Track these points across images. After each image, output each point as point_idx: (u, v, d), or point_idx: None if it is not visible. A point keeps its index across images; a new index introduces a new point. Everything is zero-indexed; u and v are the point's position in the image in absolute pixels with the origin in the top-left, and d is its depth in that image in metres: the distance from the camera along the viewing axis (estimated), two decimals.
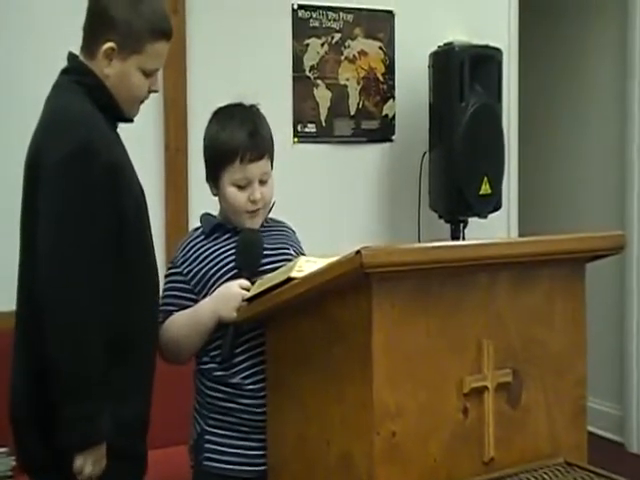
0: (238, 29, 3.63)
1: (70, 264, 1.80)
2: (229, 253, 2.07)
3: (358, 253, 1.54)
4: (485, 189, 3.69)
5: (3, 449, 2.83)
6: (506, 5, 4.26)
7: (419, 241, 3.75)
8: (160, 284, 2.09)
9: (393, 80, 3.99)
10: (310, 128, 3.81)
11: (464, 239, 3.72)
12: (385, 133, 3.99)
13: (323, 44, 3.82)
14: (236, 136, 2.05)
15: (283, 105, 3.71)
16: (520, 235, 4.24)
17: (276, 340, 1.95)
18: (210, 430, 2.07)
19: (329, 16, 3.82)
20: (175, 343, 2.07)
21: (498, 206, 3.81)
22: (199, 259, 2.08)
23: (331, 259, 1.68)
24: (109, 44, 1.93)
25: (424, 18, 4.00)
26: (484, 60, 3.71)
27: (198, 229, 2.16)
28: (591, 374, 1.95)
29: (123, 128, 2.08)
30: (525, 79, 4.43)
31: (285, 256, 2.11)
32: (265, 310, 1.90)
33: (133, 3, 1.95)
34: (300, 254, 2.17)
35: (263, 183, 2.09)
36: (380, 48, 3.96)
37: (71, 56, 2.01)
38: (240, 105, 2.14)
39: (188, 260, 2.10)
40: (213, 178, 2.11)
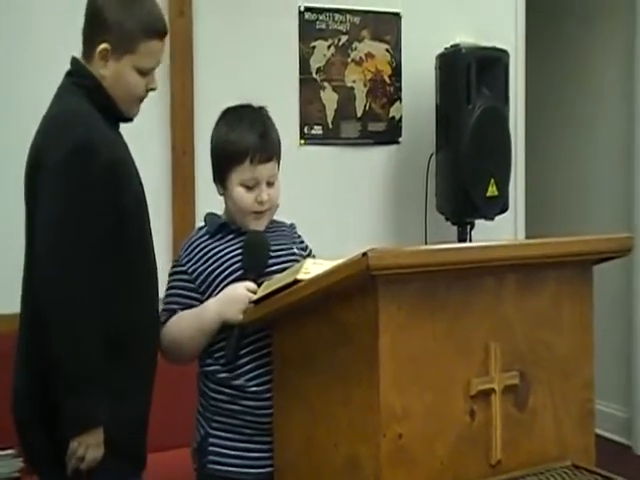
0: (245, 31, 3.63)
1: (70, 263, 1.82)
2: (235, 254, 2.07)
3: (364, 255, 1.53)
4: (492, 191, 3.68)
5: (10, 451, 2.84)
6: (513, 7, 4.25)
7: (426, 243, 3.74)
8: (161, 283, 2.09)
9: (400, 82, 3.99)
10: (317, 130, 3.81)
11: (471, 241, 3.71)
12: (392, 135, 3.99)
13: (330, 46, 3.82)
14: (246, 137, 2.05)
15: (290, 107, 3.71)
16: (527, 237, 4.24)
17: (282, 342, 1.95)
18: (214, 433, 2.07)
19: (336, 18, 3.82)
20: (178, 344, 2.06)
21: (505, 208, 3.81)
22: (204, 258, 2.08)
23: (337, 261, 1.68)
24: (103, 45, 1.97)
25: (431, 20, 4.00)
26: (491, 62, 3.70)
27: (202, 228, 2.16)
28: (598, 376, 1.94)
29: (130, 129, 2.09)
30: (532, 81, 4.42)
31: (290, 257, 2.11)
32: (272, 312, 1.90)
33: (126, 4, 1.99)
34: (301, 249, 2.18)
35: (270, 185, 2.09)
36: (387, 50, 3.95)
37: (73, 60, 2.05)
38: (249, 107, 2.15)
39: (193, 259, 2.09)
40: (220, 179, 2.11)
